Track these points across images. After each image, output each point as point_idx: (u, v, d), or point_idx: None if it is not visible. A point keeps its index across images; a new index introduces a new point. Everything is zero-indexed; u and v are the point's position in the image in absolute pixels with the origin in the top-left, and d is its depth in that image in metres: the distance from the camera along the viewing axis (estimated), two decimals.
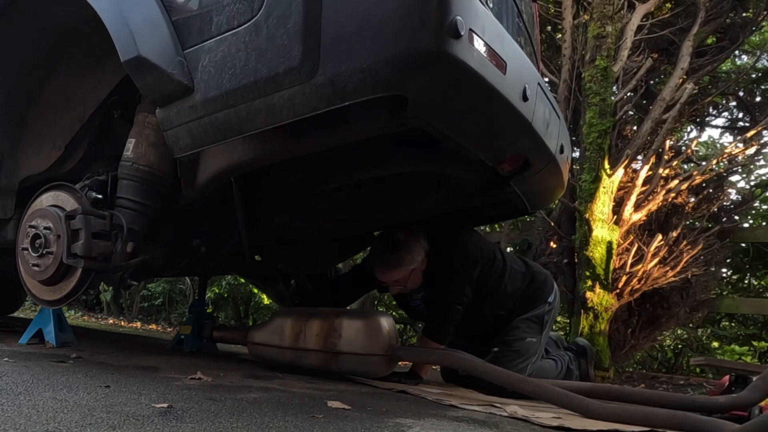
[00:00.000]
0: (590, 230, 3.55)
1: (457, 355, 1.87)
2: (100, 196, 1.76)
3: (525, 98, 1.55)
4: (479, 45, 1.33)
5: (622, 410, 1.49)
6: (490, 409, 1.55)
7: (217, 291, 6.15)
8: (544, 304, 2.38)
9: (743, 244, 4.49)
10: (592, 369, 2.71)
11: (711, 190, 4.31)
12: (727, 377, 2.06)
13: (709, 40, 4.58)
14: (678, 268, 3.60)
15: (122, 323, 5.69)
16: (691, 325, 4.44)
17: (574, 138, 3.86)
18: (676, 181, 3.88)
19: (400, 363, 2.14)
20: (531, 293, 2.39)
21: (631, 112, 4.33)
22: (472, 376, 2.05)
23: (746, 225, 4.76)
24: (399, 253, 2.20)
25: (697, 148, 5.18)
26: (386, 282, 2.31)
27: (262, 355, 2.15)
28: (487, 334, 2.36)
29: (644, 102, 4.66)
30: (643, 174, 3.75)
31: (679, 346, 4.97)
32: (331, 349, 1.95)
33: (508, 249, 4.74)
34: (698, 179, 3.94)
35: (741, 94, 5.05)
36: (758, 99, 4.97)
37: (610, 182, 3.66)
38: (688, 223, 4.06)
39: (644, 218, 3.81)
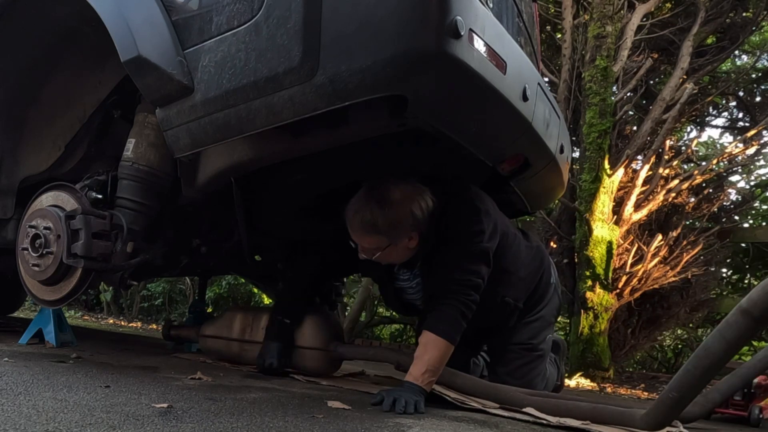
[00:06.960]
0: (590, 230, 3.55)
1: (395, 350, 1.80)
2: (100, 196, 1.76)
3: (525, 98, 1.55)
4: (479, 45, 1.33)
5: (545, 402, 1.51)
6: (508, 413, 1.48)
7: (217, 291, 6.16)
8: (549, 287, 2.01)
9: (743, 244, 4.50)
10: (563, 364, 2.46)
11: (711, 190, 4.32)
12: None
13: (709, 40, 4.58)
14: (678, 268, 3.60)
15: (122, 323, 5.68)
16: (691, 325, 4.44)
17: (574, 138, 3.86)
18: (676, 181, 3.88)
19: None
20: (540, 276, 1.99)
21: (631, 112, 4.33)
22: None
23: (746, 225, 4.77)
24: (386, 214, 1.61)
25: (697, 148, 5.18)
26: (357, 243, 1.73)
27: (211, 347, 2.19)
28: (488, 329, 1.95)
29: (644, 102, 4.67)
30: (643, 174, 3.76)
31: (679, 346, 4.97)
32: None
33: None
34: (698, 179, 3.95)
35: (741, 94, 5.06)
36: (758, 99, 4.98)
37: (610, 182, 3.66)
38: (688, 223, 4.06)
39: (644, 218, 3.81)
